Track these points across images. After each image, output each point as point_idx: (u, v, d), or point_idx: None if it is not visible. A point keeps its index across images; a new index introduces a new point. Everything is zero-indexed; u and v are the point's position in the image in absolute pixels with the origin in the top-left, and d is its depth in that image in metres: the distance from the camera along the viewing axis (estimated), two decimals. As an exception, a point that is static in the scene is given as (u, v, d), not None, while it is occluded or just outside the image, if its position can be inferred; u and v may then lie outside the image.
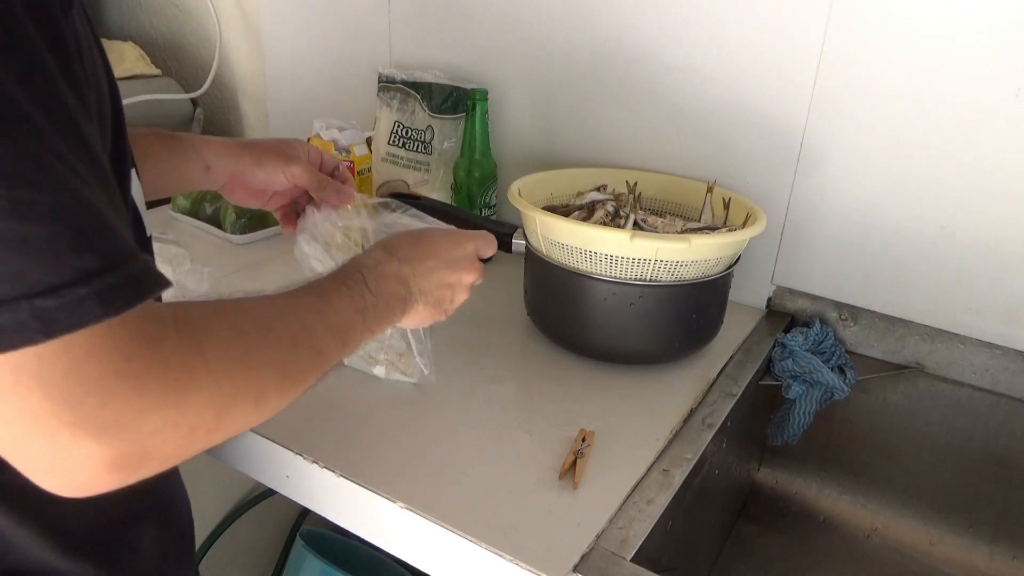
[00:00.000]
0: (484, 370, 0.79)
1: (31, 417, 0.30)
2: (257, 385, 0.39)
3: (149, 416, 0.33)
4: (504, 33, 1.05)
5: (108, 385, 0.31)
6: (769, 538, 0.99)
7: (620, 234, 0.71)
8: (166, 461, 0.36)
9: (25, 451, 0.32)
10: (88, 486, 0.33)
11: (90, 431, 0.31)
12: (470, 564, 0.57)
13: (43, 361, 0.29)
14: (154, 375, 0.33)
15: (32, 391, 0.30)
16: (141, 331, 0.32)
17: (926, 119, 0.80)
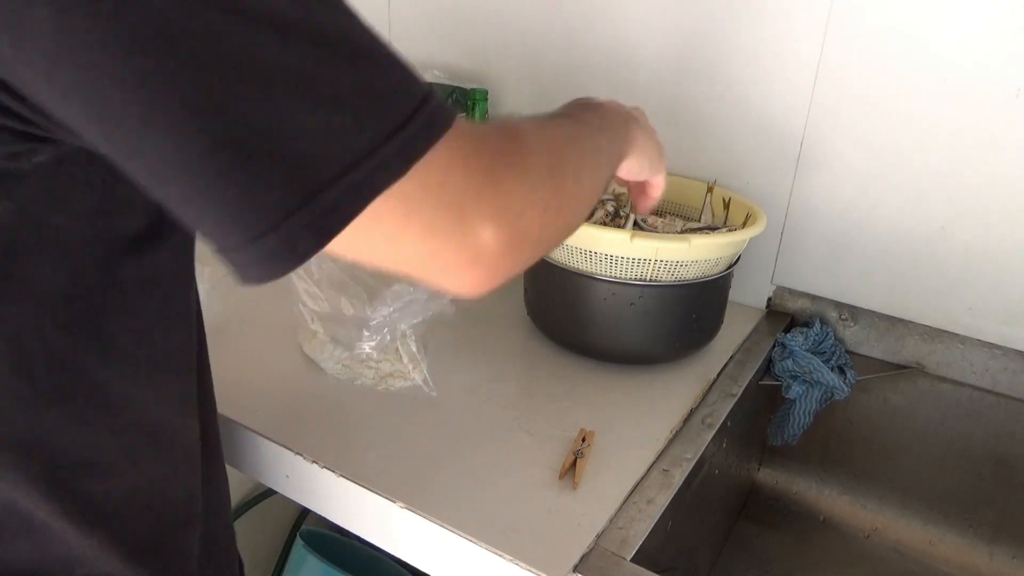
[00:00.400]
0: (484, 370, 0.79)
1: (430, 230, 0.34)
2: (572, 170, 0.44)
3: (511, 199, 0.38)
4: (504, 33, 1.05)
5: (473, 183, 0.36)
6: (769, 538, 0.99)
7: (620, 234, 0.71)
8: (535, 244, 0.41)
9: (433, 264, 0.36)
10: (489, 274, 0.38)
11: (477, 223, 0.36)
12: (470, 564, 0.57)
13: (422, 181, 0.33)
14: (501, 164, 0.38)
15: (424, 207, 0.34)
16: (471, 135, 0.37)
17: (926, 119, 0.80)
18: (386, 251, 0.35)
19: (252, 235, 0.30)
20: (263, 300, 0.92)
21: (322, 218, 0.31)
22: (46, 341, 0.37)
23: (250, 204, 0.30)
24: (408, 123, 0.32)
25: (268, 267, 0.32)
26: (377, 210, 0.32)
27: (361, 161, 0.31)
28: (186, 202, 0.31)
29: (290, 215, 0.30)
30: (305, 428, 0.67)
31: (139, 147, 0.29)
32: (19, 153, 0.33)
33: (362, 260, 0.36)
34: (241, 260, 0.32)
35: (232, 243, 0.31)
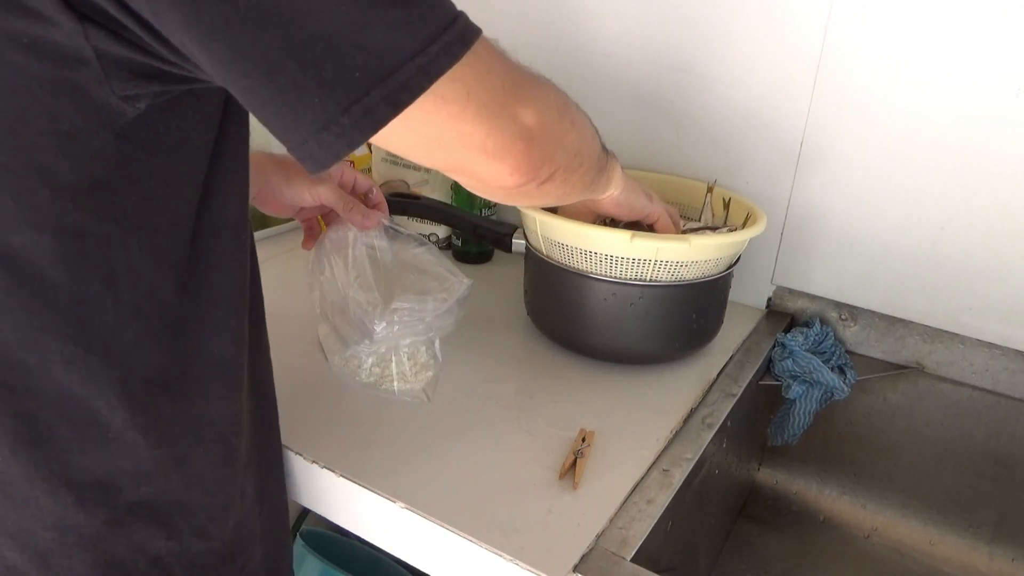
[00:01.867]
0: (484, 370, 0.79)
1: (485, 109, 0.42)
2: (572, 112, 0.51)
3: (536, 93, 0.45)
4: (504, 33, 1.04)
5: (509, 76, 0.43)
6: (769, 538, 0.99)
7: (620, 234, 0.71)
8: (557, 143, 0.48)
9: (484, 143, 0.43)
10: (527, 156, 0.45)
11: (518, 106, 0.44)
12: (470, 564, 0.57)
13: (474, 67, 0.40)
14: (521, 71, 0.45)
15: (479, 91, 0.41)
16: (495, 50, 0.43)
17: (926, 119, 0.80)
18: (452, 132, 0.41)
19: (343, 107, 0.37)
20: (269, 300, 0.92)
21: (396, 92, 0.37)
22: (131, 262, 0.44)
23: (341, 81, 0.36)
24: (456, 21, 0.39)
25: (355, 134, 0.38)
26: (442, 91, 0.39)
27: (426, 47, 0.37)
28: (293, 88, 0.36)
29: (371, 89, 0.37)
30: (305, 428, 0.67)
31: (256, 45, 0.35)
32: (132, 96, 0.39)
33: (432, 146, 0.42)
34: (331, 135, 0.37)
35: (327, 119, 0.37)
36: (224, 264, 0.49)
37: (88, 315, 0.43)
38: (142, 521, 0.49)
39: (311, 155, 0.38)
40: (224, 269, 0.49)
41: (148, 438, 0.47)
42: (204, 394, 0.50)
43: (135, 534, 0.49)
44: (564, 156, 0.49)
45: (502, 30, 1.06)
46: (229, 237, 0.49)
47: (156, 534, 0.49)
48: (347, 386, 0.74)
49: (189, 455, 0.50)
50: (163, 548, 0.50)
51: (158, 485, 0.49)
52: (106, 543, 0.48)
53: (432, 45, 0.38)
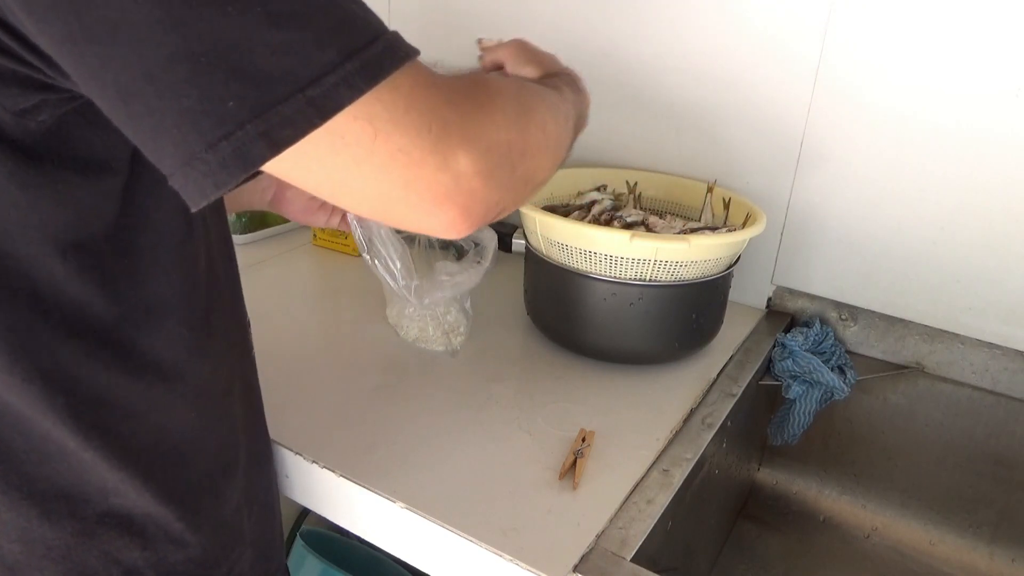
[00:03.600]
0: (484, 370, 0.79)
1: (402, 155, 0.35)
2: (538, 119, 0.46)
3: (479, 131, 0.38)
4: (504, 33, 1.04)
5: (440, 112, 0.36)
6: (769, 538, 0.99)
7: (620, 234, 0.71)
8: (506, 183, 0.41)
9: (407, 196, 0.36)
10: (466, 208, 0.38)
11: (449, 151, 0.36)
12: (470, 564, 0.57)
13: (388, 104, 0.34)
14: (466, 100, 0.39)
15: (392, 132, 0.34)
16: (435, 73, 0.38)
17: (926, 119, 0.80)
18: (359, 180, 0.35)
19: (208, 142, 0.31)
20: (269, 300, 0.92)
21: (278, 128, 0.32)
22: (55, 279, 0.41)
23: (208, 111, 0.31)
24: (369, 46, 0.33)
25: (222, 175, 0.32)
26: (343, 129, 0.33)
27: (321, 77, 0.32)
28: (149, 115, 0.32)
29: (245, 123, 0.31)
30: (305, 428, 0.67)
31: (105, 64, 0.31)
32: (28, 110, 0.36)
33: (340, 191, 0.37)
34: (196, 173, 0.32)
35: (188, 153, 0.32)
36: (169, 275, 0.46)
37: (19, 342, 0.41)
38: (113, 532, 0.47)
39: (181, 190, 0.33)
40: (169, 281, 0.46)
41: (108, 460, 0.45)
42: (160, 408, 0.47)
43: (107, 544, 0.47)
44: (513, 193, 0.43)
45: (502, 31, 1.07)
46: (170, 247, 0.46)
47: (130, 544, 0.48)
48: (345, 389, 0.74)
49: (153, 468, 0.48)
50: (138, 558, 0.48)
51: (127, 498, 0.47)
52: (76, 554, 0.46)
53: (329, 75, 0.32)
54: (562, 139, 0.52)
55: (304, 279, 1.01)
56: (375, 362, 0.80)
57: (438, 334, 0.81)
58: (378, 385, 0.75)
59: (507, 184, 0.41)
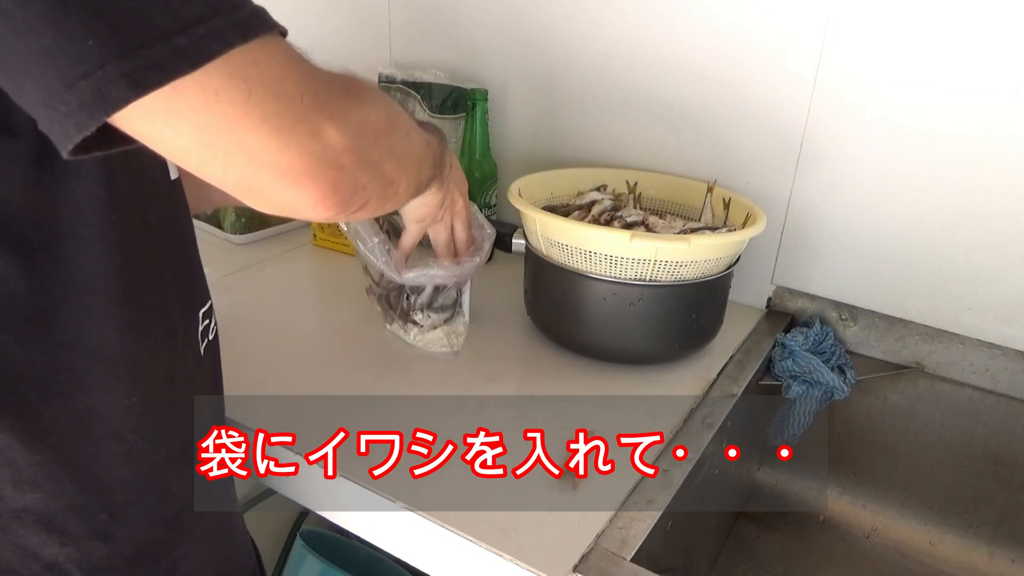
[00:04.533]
0: (484, 370, 0.79)
1: (274, 119, 0.35)
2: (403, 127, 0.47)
3: (349, 111, 0.39)
4: (504, 33, 1.05)
5: (311, 88, 0.37)
6: (769, 538, 0.99)
7: (620, 234, 0.71)
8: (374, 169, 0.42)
9: (277, 162, 0.36)
10: (334, 186, 0.39)
11: (320, 123, 0.37)
12: (470, 564, 0.57)
13: (261, 67, 0.34)
14: (337, 82, 0.40)
15: (265, 96, 0.34)
16: (308, 59, 0.38)
17: (926, 118, 0.80)
18: (231, 139, 0.35)
19: (66, 81, 0.30)
20: (269, 300, 0.92)
21: (144, 71, 0.31)
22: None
23: (66, 49, 0.30)
24: (237, 8, 0.33)
25: (85, 115, 0.31)
26: (215, 85, 0.33)
27: (189, 28, 0.32)
28: (7, 54, 0.31)
29: (106, 63, 0.30)
30: (305, 428, 0.67)
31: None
32: None
33: (209, 157, 0.36)
34: (57, 114, 0.31)
35: (48, 93, 0.31)
36: (94, 249, 0.44)
37: None
38: (30, 527, 0.45)
39: (49, 132, 0.32)
40: (95, 254, 0.44)
41: (26, 443, 0.43)
42: (88, 389, 0.45)
43: (23, 540, 0.45)
44: (379, 185, 0.43)
45: (501, 30, 1.06)
46: (95, 219, 0.43)
47: (48, 540, 0.46)
48: (346, 387, 0.74)
49: (79, 456, 0.46)
50: (59, 554, 0.46)
51: (46, 489, 0.45)
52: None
53: (197, 26, 0.32)
54: (422, 163, 0.53)
55: (304, 279, 1.01)
56: (375, 362, 0.80)
57: (438, 335, 0.81)
58: (378, 385, 0.75)
59: (375, 172, 0.42)
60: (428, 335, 0.81)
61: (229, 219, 1.07)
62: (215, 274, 0.89)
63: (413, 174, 0.51)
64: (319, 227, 1.08)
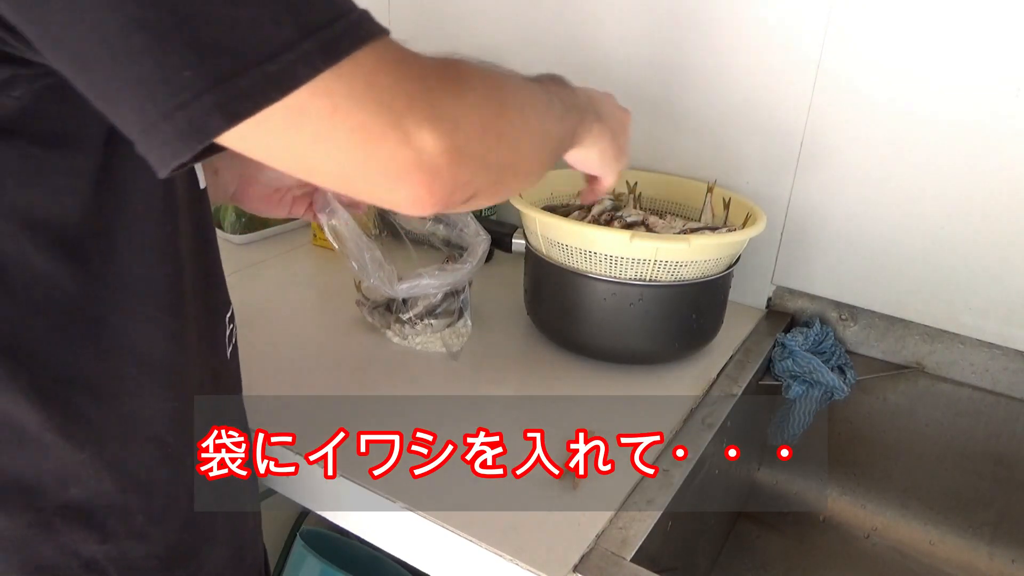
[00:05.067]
0: (484, 370, 0.79)
1: (362, 131, 0.35)
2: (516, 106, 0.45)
3: (445, 108, 0.38)
4: (504, 33, 1.05)
5: (403, 88, 0.36)
6: (769, 538, 0.99)
7: (620, 234, 0.71)
8: (479, 163, 0.41)
9: (369, 169, 0.37)
10: (431, 184, 0.38)
11: (412, 127, 0.36)
12: (470, 564, 0.57)
13: (348, 80, 0.34)
14: (434, 77, 0.38)
15: (351, 109, 0.34)
16: (404, 50, 0.38)
17: (926, 119, 0.80)
18: (319, 153, 0.36)
19: (163, 111, 0.32)
20: (269, 300, 0.92)
21: (235, 100, 0.32)
22: (23, 256, 0.40)
23: (163, 81, 0.31)
24: (330, 25, 0.34)
25: (180, 144, 0.32)
26: (302, 105, 0.33)
27: (279, 54, 0.32)
28: (107, 82, 0.32)
29: (201, 94, 0.31)
30: (305, 428, 0.67)
31: (66, 31, 0.31)
32: (3, 83, 0.36)
33: (302, 167, 0.37)
34: (155, 142, 0.33)
35: (146, 121, 0.32)
36: (147, 257, 0.45)
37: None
38: (72, 524, 0.46)
39: (146, 157, 0.34)
40: (147, 262, 0.46)
41: (71, 441, 0.44)
42: (134, 392, 0.47)
43: (64, 537, 0.46)
44: (488, 175, 0.43)
45: (501, 30, 1.06)
46: (150, 229, 0.45)
47: (88, 537, 0.47)
48: (346, 387, 0.74)
49: (121, 457, 0.47)
50: (97, 551, 0.47)
51: (88, 487, 0.46)
52: (32, 546, 0.46)
53: (286, 52, 0.32)
54: (546, 137, 0.51)
55: (304, 279, 1.01)
56: (375, 362, 0.80)
57: (439, 338, 0.81)
58: (378, 385, 0.75)
59: (479, 165, 0.41)
60: (430, 339, 0.82)
61: (229, 219, 1.07)
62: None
63: (533, 150, 0.49)
64: (319, 227, 1.08)
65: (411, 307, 0.82)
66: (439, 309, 0.82)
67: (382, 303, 0.85)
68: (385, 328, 0.84)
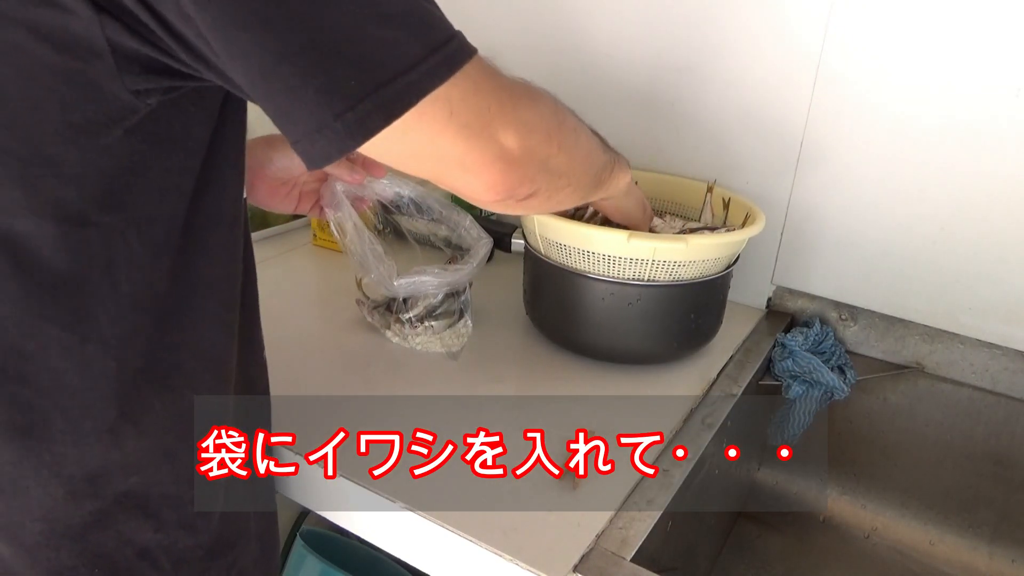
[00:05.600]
0: (484, 370, 0.79)
1: (467, 129, 0.43)
2: (572, 128, 0.53)
3: (524, 116, 0.47)
4: (504, 34, 1.05)
5: (497, 95, 0.45)
6: (769, 538, 0.99)
7: (618, 234, 0.71)
8: (541, 166, 0.49)
9: (463, 161, 0.44)
10: (504, 177, 0.46)
11: (499, 128, 0.45)
12: (470, 564, 0.57)
13: (461, 88, 0.42)
14: (517, 89, 0.47)
15: (461, 112, 0.42)
16: (492, 66, 0.46)
17: (926, 119, 0.80)
18: (431, 147, 0.43)
19: (335, 113, 0.38)
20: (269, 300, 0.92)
21: (390, 103, 0.39)
22: (130, 252, 0.45)
23: (334, 90, 0.38)
24: (448, 43, 0.41)
25: (347, 140, 0.39)
26: (426, 108, 0.41)
27: (415, 66, 0.39)
28: (286, 91, 0.38)
29: (364, 98, 0.38)
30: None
31: (252, 48, 0.37)
32: (143, 92, 0.41)
33: (415, 159, 0.44)
34: (324, 138, 0.39)
35: (319, 122, 0.39)
36: (218, 256, 0.50)
37: (87, 304, 0.44)
38: (129, 512, 0.49)
39: (305, 153, 0.40)
40: (217, 261, 0.50)
41: (138, 428, 0.47)
42: (194, 387, 0.50)
43: (122, 525, 0.49)
44: (547, 177, 0.51)
45: (502, 30, 1.06)
46: (224, 230, 0.50)
47: (144, 526, 0.49)
48: (346, 387, 0.74)
49: (177, 448, 0.50)
50: (151, 540, 0.50)
51: (146, 475, 0.49)
52: (94, 535, 0.48)
53: (421, 64, 0.40)
54: (591, 158, 0.59)
55: (304, 279, 1.01)
56: (375, 362, 0.80)
57: (440, 339, 0.82)
58: (378, 385, 0.75)
59: (542, 166, 0.49)
60: (430, 339, 0.82)
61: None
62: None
63: (583, 165, 0.57)
64: (319, 227, 1.08)
65: (411, 307, 0.82)
66: (439, 310, 0.82)
67: (382, 303, 0.85)
68: (385, 328, 0.84)
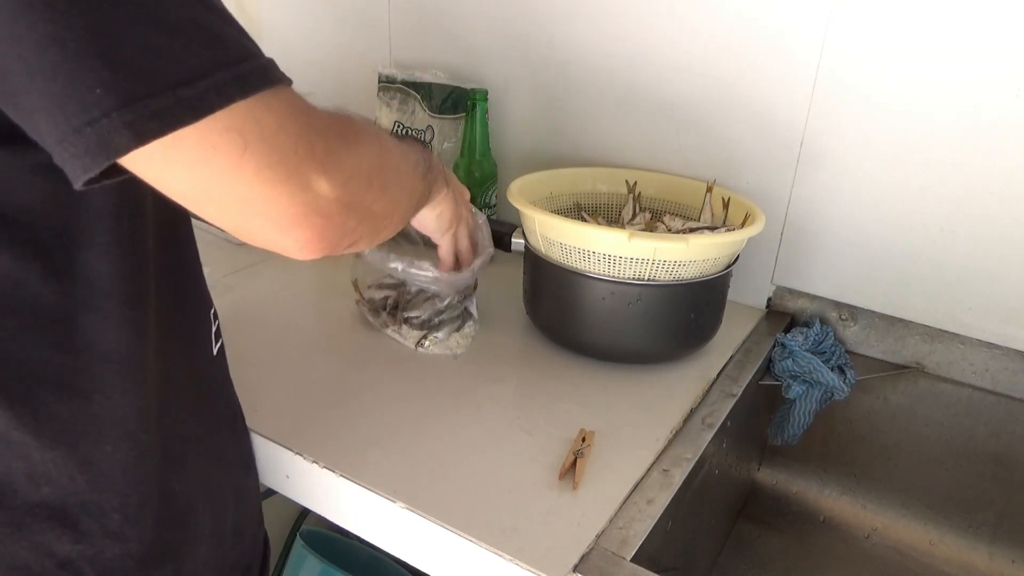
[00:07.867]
0: (484, 370, 0.79)
1: (267, 171, 0.36)
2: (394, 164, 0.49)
3: (341, 161, 0.41)
4: (504, 33, 1.05)
5: (307, 138, 0.38)
6: (769, 538, 0.99)
7: (618, 234, 0.71)
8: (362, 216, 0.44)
9: (267, 211, 0.38)
10: (319, 233, 0.40)
11: (311, 175, 0.38)
12: (470, 564, 0.57)
13: (258, 121, 0.36)
14: (334, 130, 0.41)
15: (259, 150, 0.36)
16: (307, 102, 0.40)
17: (926, 119, 0.80)
18: (225, 189, 0.37)
19: (74, 126, 0.32)
20: (269, 300, 0.92)
21: (145, 120, 0.33)
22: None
23: (75, 96, 0.32)
24: (241, 63, 0.35)
25: (89, 159, 0.33)
26: (212, 139, 0.35)
27: (192, 80, 0.33)
28: (22, 94, 0.33)
29: (111, 111, 0.32)
30: (305, 428, 0.67)
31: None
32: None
33: (204, 201, 0.38)
34: (66, 155, 0.33)
35: (58, 135, 0.33)
36: (111, 254, 0.45)
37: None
38: (44, 523, 0.46)
39: (61, 167, 0.34)
40: (112, 259, 0.45)
41: (41, 439, 0.45)
42: (104, 390, 0.47)
43: (37, 536, 0.46)
44: (369, 224, 0.45)
45: (502, 31, 1.07)
46: (108, 225, 0.45)
47: (62, 536, 0.47)
48: (346, 387, 0.74)
49: (94, 455, 0.47)
50: (72, 551, 0.47)
51: (60, 486, 0.46)
52: (5, 545, 0.46)
53: (201, 80, 0.34)
54: (413, 189, 0.55)
55: (304, 279, 1.01)
56: (375, 361, 0.80)
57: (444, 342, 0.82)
58: (378, 385, 0.75)
59: (365, 215, 0.44)
60: (437, 347, 0.82)
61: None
62: (215, 274, 0.89)
63: (406, 201, 0.53)
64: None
65: (413, 308, 0.82)
66: (443, 315, 0.82)
67: (382, 303, 0.85)
68: (384, 328, 0.84)
